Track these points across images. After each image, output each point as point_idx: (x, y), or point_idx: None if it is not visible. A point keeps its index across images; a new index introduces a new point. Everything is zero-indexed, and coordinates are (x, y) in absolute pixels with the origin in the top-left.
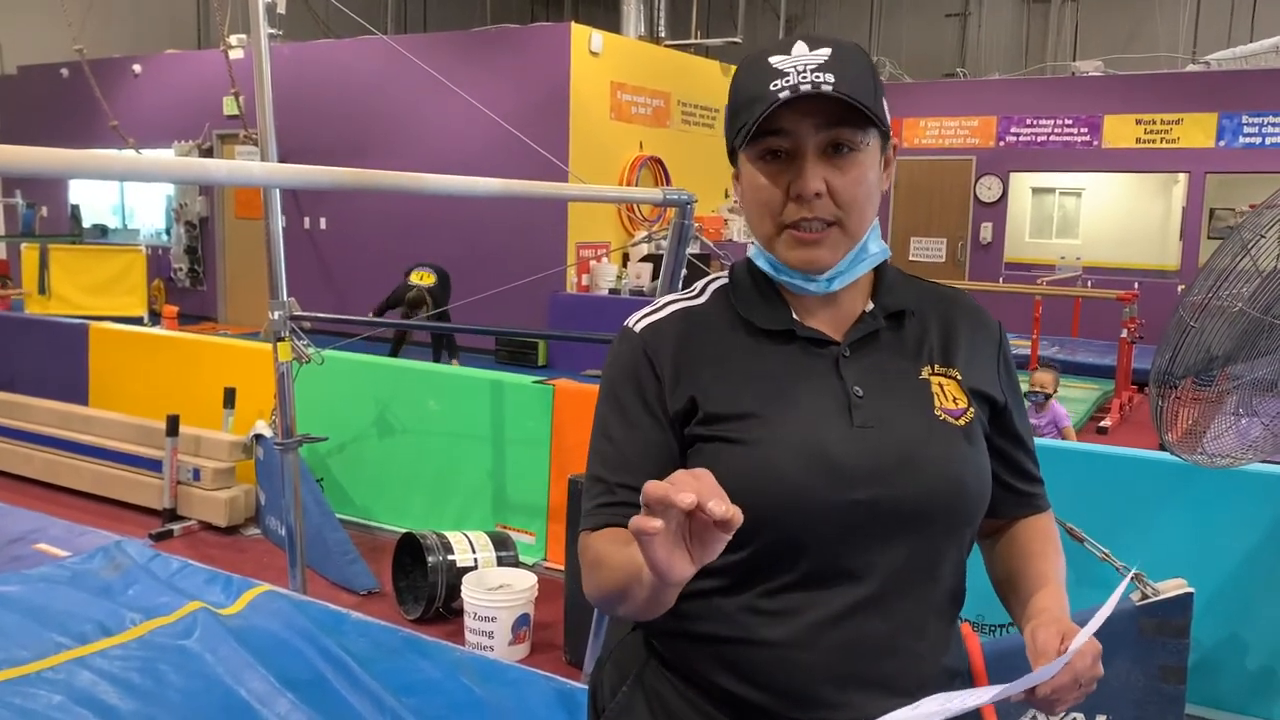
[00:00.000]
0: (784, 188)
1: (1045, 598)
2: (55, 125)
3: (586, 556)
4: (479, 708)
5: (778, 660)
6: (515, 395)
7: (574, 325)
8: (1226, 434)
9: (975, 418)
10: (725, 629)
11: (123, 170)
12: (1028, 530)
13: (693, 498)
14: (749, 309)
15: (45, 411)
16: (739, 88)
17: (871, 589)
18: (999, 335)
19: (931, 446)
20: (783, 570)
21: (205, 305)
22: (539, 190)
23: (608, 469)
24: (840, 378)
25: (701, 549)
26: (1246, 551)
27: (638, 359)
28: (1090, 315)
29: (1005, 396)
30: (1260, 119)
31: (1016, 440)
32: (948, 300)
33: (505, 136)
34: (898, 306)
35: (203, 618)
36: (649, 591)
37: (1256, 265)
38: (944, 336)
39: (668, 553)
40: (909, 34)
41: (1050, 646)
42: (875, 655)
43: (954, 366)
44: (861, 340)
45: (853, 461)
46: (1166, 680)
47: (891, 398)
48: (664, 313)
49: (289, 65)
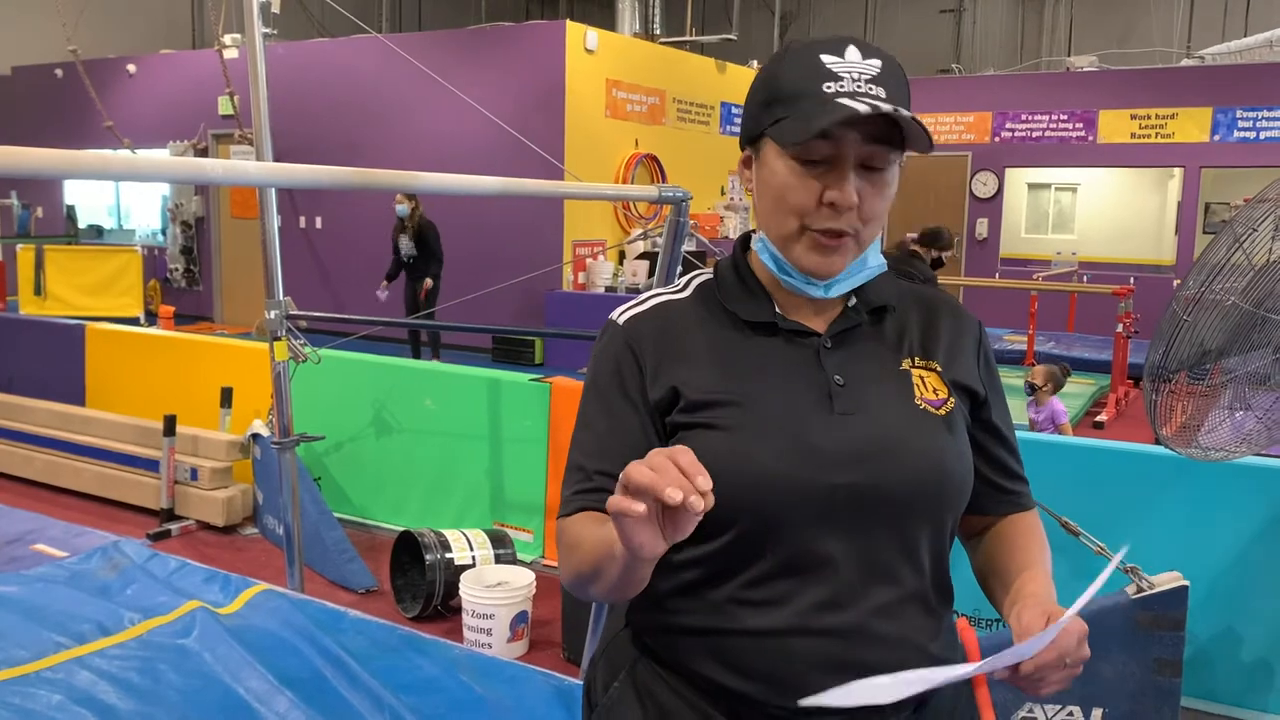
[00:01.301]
0: (818, 193)
1: (1030, 583)
2: (49, 126)
3: (564, 540)
4: (477, 705)
5: (764, 649)
6: (512, 393)
7: (570, 323)
8: (1221, 428)
9: (956, 408)
10: (711, 620)
11: (119, 170)
12: (1012, 527)
13: (679, 495)
14: (733, 302)
15: (42, 412)
16: (783, 78)
17: (854, 576)
18: (978, 331)
19: (912, 433)
20: (765, 557)
21: (201, 305)
22: (535, 188)
23: (587, 457)
24: (821, 367)
25: (674, 528)
26: (1241, 545)
27: (620, 350)
28: (1086, 310)
29: (985, 390)
30: (1255, 113)
31: (998, 436)
32: (927, 299)
33: (501, 135)
34: (879, 302)
35: (201, 617)
36: (621, 568)
37: (1249, 259)
38: (924, 331)
39: (641, 532)
40: (904, 30)
41: (1035, 626)
42: (860, 642)
43: (934, 359)
44: (843, 333)
45: (833, 446)
46: (1162, 673)
47: (872, 387)
48: (648, 306)
49: (284, 65)
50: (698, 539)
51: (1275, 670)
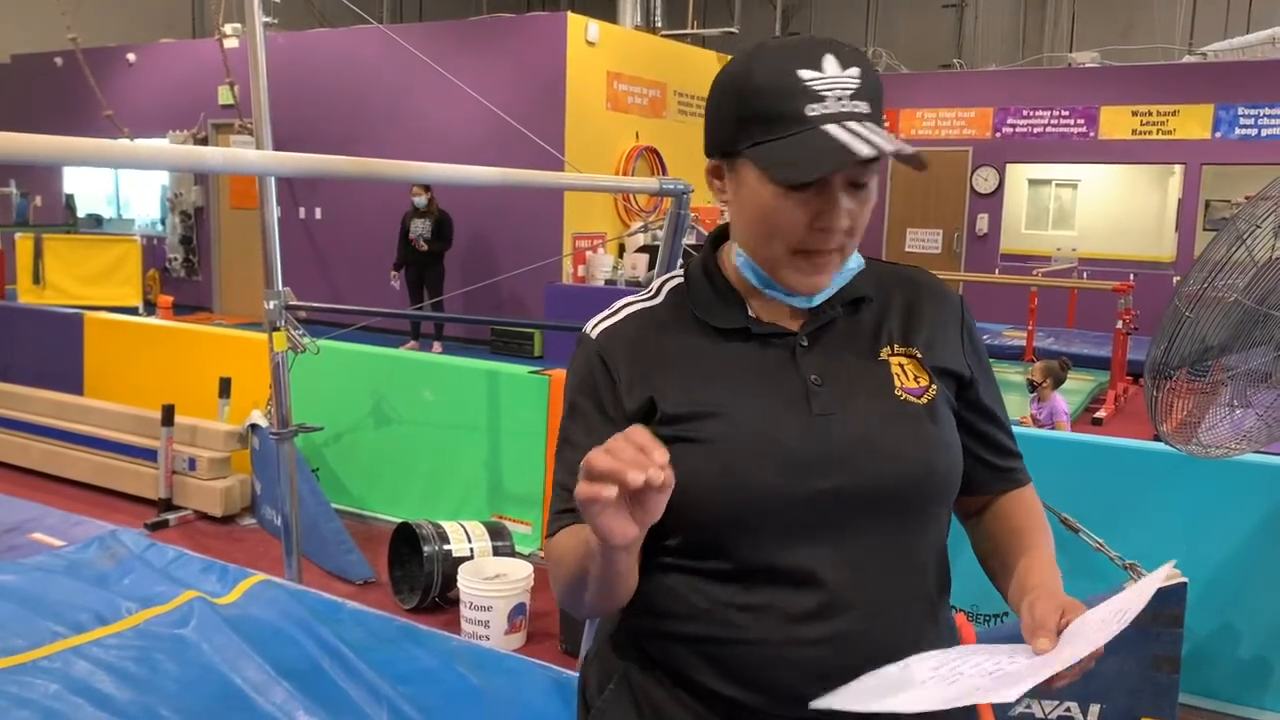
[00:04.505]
0: (806, 218)
1: (1038, 572)
2: (49, 115)
3: (551, 558)
4: (475, 697)
5: (762, 659)
6: (511, 386)
7: (570, 316)
8: (1221, 424)
9: (939, 395)
10: (706, 629)
11: (120, 158)
12: (1010, 505)
13: (641, 477)
14: (705, 310)
15: (41, 401)
16: (759, 92)
17: (846, 580)
18: (961, 309)
19: (894, 428)
20: (757, 566)
21: (200, 295)
22: (535, 179)
23: (570, 476)
24: (798, 368)
25: (642, 511)
26: (1240, 542)
27: (593, 365)
28: (1086, 306)
29: (972, 370)
30: (1256, 110)
31: (988, 414)
32: (907, 280)
33: (501, 126)
34: (854, 294)
35: (198, 607)
36: (601, 564)
37: (1252, 256)
38: (904, 317)
39: (611, 518)
40: (905, 25)
41: (1049, 620)
42: (859, 648)
43: (914, 346)
44: (818, 330)
45: (813, 451)
46: (1160, 669)
47: (850, 383)
48: (619, 316)
49: (284, 54)
50: (688, 549)
51: (1273, 667)
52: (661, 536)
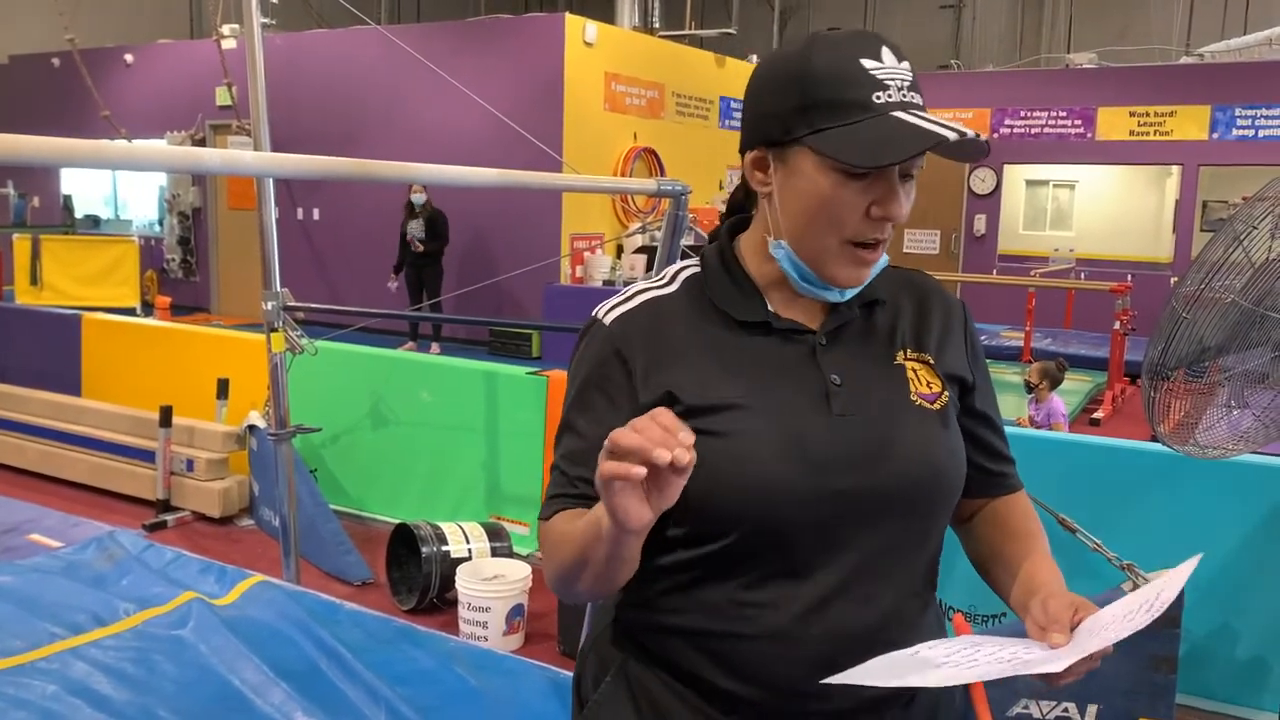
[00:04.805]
0: (864, 206)
1: (1044, 571)
2: (46, 115)
3: (546, 540)
4: (473, 698)
5: (764, 654)
6: (509, 386)
7: (568, 317)
8: (1218, 425)
9: (950, 401)
10: (708, 622)
11: (117, 159)
12: (1005, 508)
13: (668, 455)
14: (725, 301)
15: (38, 402)
16: (820, 81)
17: (853, 577)
18: (964, 315)
19: (910, 432)
20: (764, 561)
21: (198, 296)
22: (533, 180)
23: (568, 461)
24: (817, 367)
25: (659, 495)
26: (1238, 542)
27: (606, 353)
28: (1083, 307)
29: (973, 376)
30: (1254, 111)
31: (985, 420)
32: (914, 284)
33: (499, 127)
34: (871, 296)
35: (196, 608)
36: (609, 547)
37: (1249, 257)
38: (916, 321)
39: (630, 499)
40: (903, 25)
41: (1063, 617)
42: (860, 643)
43: (926, 351)
44: (837, 330)
45: (833, 451)
46: (1157, 670)
47: (869, 385)
48: (634, 303)
49: (282, 55)
50: (695, 541)
51: (1270, 667)
52: (664, 527)
